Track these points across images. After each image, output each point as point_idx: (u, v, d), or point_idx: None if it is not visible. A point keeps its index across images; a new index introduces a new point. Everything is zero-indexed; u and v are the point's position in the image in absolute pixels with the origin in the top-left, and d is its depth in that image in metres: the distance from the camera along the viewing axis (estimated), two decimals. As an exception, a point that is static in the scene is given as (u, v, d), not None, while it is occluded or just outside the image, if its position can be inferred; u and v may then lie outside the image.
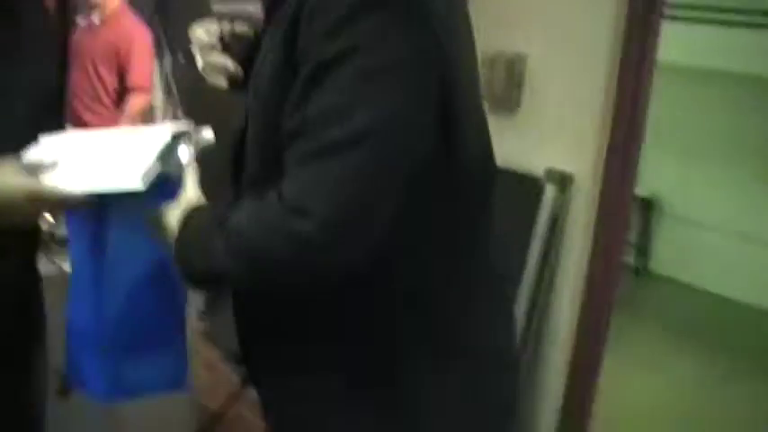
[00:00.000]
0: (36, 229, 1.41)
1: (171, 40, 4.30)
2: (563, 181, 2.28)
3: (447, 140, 0.93)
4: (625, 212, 2.33)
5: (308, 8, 0.85)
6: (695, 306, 4.64)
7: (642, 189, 4.34)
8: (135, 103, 3.69)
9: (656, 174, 4.57)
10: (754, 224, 4.57)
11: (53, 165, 1.07)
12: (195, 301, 2.67)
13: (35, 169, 1.06)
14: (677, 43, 2.73)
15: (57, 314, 1.34)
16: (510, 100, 2.41)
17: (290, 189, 0.83)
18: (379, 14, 0.83)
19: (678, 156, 4.69)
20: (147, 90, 3.80)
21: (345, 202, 0.81)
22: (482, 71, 1.37)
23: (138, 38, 3.70)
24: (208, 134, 1.17)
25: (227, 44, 1.15)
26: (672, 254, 4.98)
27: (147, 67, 3.79)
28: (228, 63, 1.12)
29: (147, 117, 3.91)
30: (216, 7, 2.92)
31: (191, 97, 4.03)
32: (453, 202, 0.98)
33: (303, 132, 0.84)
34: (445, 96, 0.91)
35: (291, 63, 0.87)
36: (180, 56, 4.23)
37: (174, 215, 1.01)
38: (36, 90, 1.24)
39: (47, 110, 1.29)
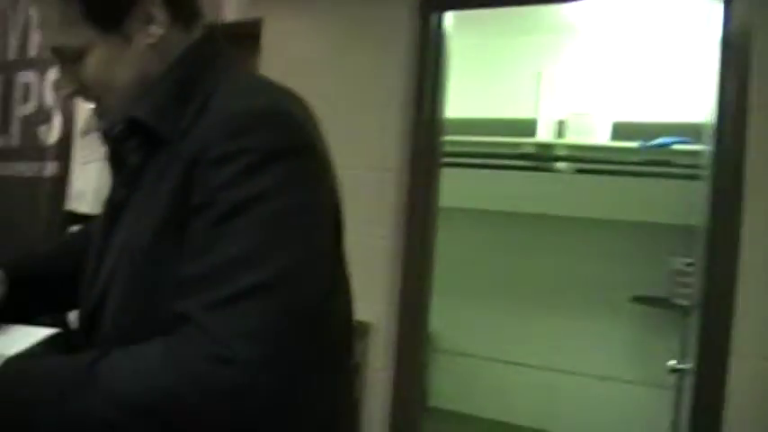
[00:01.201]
0: None
1: None
2: (360, 329, 2.34)
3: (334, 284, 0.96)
4: (420, 354, 2.42)
5: (212, 158, 0.86)
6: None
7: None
8: None
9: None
10: (517, 351, 4.95)
11: None
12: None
13: None
14: (449, 187, 2.94)
15: None
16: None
17: (206, 337, 0.80)
18: (287, 162, 0.87)
19: (450, 293, 5.01)
20: None
21: (271, 347, 0.80)
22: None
23: None
24: None
25: None
26: (450, 387, 5.20)
27: None
28: None
29: None
30: None
31: None
32: (332, 353, 0.98)
33: (211, 279, 0.83)
34: (337, 241, 0.97)
35: (179, 216, 0.87)
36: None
37: None
38: None
39: None
